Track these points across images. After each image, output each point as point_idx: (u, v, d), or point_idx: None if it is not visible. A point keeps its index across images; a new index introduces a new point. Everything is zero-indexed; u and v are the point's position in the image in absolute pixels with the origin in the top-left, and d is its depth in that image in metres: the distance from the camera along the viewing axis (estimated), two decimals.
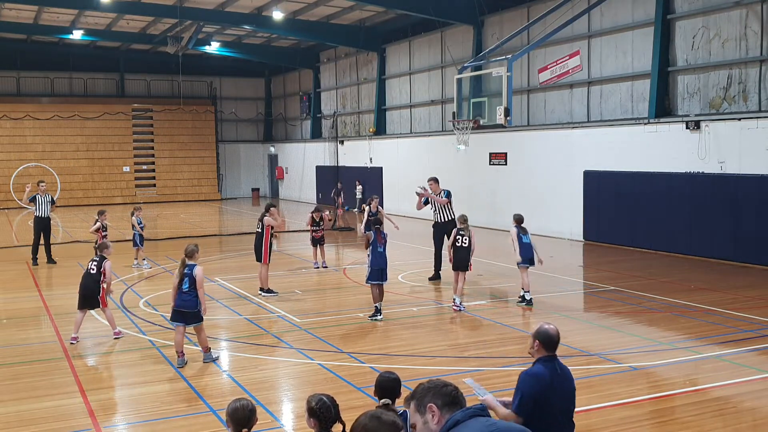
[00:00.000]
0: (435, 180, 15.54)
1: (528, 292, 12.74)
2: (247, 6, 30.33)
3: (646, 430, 7.29)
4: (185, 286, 9.29)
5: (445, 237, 14.65)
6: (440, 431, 3.15)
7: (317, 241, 17.26)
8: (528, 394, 4.95)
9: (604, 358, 9.58)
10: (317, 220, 17.23)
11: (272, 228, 14.14)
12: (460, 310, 12.38)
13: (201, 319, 9.43)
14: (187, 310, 9.29)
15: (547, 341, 5.16)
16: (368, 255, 11.95)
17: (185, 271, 9.32)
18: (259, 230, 14.15)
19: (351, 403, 7.45)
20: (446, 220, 15.05)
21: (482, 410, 3.20)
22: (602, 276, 15.85)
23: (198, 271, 9.34)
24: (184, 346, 9.55)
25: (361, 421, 3.14)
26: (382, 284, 11.94)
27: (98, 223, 16.50)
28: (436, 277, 15.34)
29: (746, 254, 16.74)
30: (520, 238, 12.71)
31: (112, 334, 10.80)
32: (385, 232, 12.16)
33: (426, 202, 15.32)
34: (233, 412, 4.84)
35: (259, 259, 14.08)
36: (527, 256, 12.71)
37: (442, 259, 15.01)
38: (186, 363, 9.37)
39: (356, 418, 3.18)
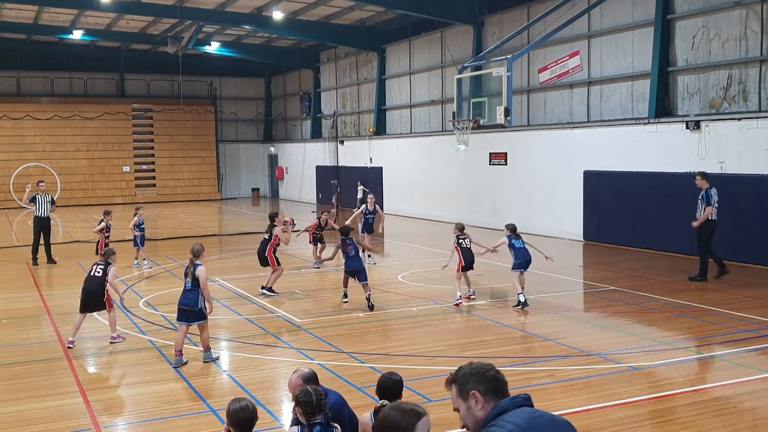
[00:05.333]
0: (702, 175, 15.05)
1: (521, 293, 12.59)
2: (247, 6, 30.32)
3: (646, 430, 7.28)
4: (188, 285, 9.50)
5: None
6: (486, 418, 3.13)
7: (318, 240, 17.64)
8: None
9: (604, 358, 9.58)
10: (323, 225, 17.68)
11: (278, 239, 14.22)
12: (471, 296, 13.27)
13: (204, 318, 9.54)
14: (189, 308, 9.45)
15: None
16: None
17: (192, 269, 9.52)
18: (267, 237, 14.20)
19: (351, 403, 7.43)
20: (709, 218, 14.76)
21: (528, 399, 3.19)
22: (602, 276, 15.84)
23: (200, 271, 9.48)
24: (184, 346, 9.58)
25: (383, 412, 3.28)
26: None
27: (103, 223, 16.50)
28: (702, 278, 14.75)
29: (746, 254, 16.72)
30: (512, 245, 12.80)
31: (110, 338, 10.63)
32: (351, 238, 12.90)
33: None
34: (234, 414, 4.77)
35: (264, 265, 14.20)
36: (524, 260, 12.74)
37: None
38: (184, 363, 9.38)
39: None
